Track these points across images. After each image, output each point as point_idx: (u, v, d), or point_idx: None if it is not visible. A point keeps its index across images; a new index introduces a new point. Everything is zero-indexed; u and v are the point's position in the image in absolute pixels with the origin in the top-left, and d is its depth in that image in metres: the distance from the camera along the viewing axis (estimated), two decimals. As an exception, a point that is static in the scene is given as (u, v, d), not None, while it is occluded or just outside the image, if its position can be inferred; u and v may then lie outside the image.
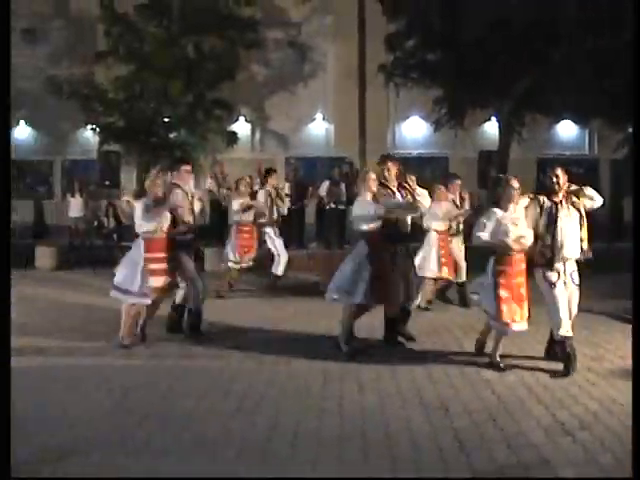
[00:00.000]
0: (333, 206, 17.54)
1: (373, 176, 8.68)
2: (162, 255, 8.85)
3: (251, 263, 12.58)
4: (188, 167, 9.43)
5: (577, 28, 15.64)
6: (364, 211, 8.55)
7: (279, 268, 12.84)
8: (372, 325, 9.22)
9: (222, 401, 6.74)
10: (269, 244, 12.83)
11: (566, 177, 7.81)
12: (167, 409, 6.51)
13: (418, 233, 9.53)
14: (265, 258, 12.90)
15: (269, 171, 13.29)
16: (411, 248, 9.11)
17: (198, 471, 5.16)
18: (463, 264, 11.47)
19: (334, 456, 5.39)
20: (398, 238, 8.76)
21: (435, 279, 11.26)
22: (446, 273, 11.20)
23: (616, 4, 14.56)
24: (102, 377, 7.60)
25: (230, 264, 12.48)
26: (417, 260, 10.40)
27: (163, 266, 8.86)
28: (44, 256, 17.55)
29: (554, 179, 7.78)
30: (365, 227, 8.53)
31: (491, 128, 20.19)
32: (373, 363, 8.06)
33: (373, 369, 7.81)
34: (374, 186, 8.60)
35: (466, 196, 11.85)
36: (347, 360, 8.17)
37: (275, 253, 12.85)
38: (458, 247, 11.50)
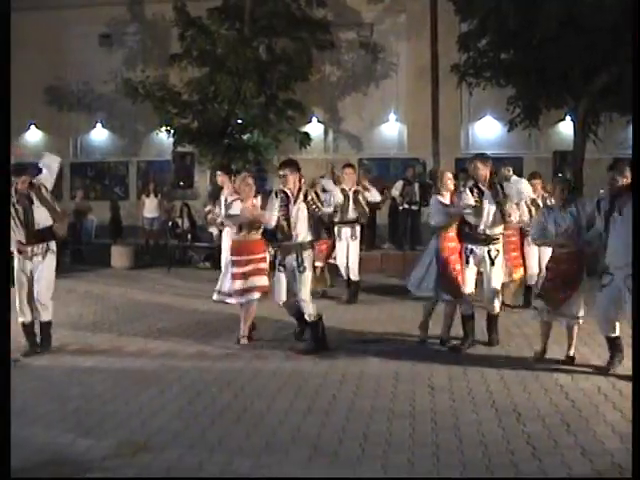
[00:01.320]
0: (406, 207, 17.48)
1: (449, 175, 9.19)
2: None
3: None
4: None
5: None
6: (435, 208, 9.01)
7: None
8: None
9: (293, 401, 6.78)
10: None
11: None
12: (239, 409, 6.57)
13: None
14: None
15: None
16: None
17: (269, 472, 5.20)
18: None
19: (405, 458, 5.37)
20: (470, 238, 8.82)
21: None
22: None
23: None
24: (175, 376, 7.72)
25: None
26: None
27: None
28: (120, 256, 17.89)
29: None
30: (434, 223, 9.01)
31: (566, 128, 19.86)
32: (445, 365, 8.02)
33: (445, 371, 7.77)
34: (451, 185, 9.06)
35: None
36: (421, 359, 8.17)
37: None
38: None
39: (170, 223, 19.57)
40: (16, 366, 7.90)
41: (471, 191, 8.88)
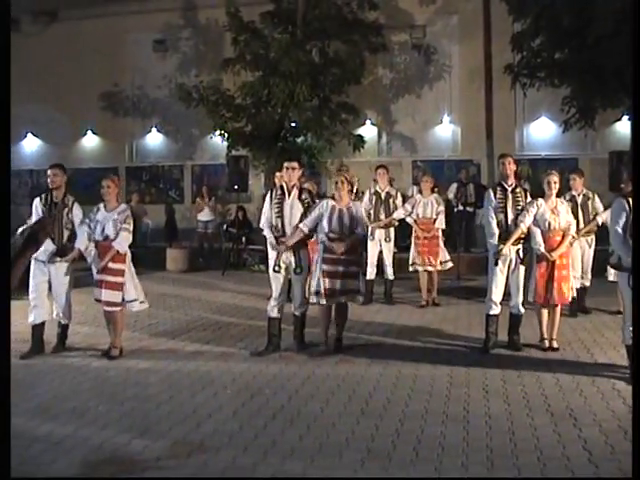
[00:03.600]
0: (461, 208, 17.38)
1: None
2: None
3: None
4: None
5: None
6: None
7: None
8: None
9: (347, 404, 6.79)
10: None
11: None
12: (293, 411, 6.60)
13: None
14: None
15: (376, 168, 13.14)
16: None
17: (322, 474, 5.21)
18: None
19: (458, 462, 5.34)
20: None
21: None
22: None
23: None
24: (230, 378, 7.78)
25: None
26: None
27: None
28: (174, 259, 18.08)
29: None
30: None
31: (623, 127, 19.56)
32: (500, 368, 7.96)
33: (500, 374, 7.71)
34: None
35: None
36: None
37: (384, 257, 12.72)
38: None
39: (225, 226, 19.72)
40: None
41: (494, 190, 8.91)
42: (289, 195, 8.86)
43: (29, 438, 5.96)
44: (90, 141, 24.07)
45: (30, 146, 24.43)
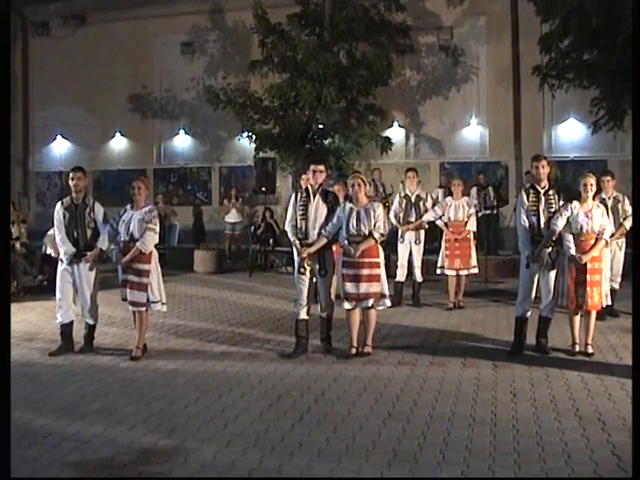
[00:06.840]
0: (487, 212, 17.32)
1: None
2: None
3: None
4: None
5: None
6: None
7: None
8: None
9: (374, 406, 6.78)
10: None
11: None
12: (320, 413, 6.61)
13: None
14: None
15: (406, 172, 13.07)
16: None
17: (349, 476, 5.21)
18: None
19: (485, 466, 5.32)
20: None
21: None
22: None
23: None
24: (257, 379, 7.80)
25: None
26: None
27: None
28: (202, 260, 18.16)
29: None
30: None
31: (653, 129, 19.35)
32: (527, 371, 7.93)
33: (527, 377, 7.68)
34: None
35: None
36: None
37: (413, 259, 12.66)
38: None
39: (252, 228, 19.77)
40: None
41: (527, 193, 8.87)
42: (314, 197, 8.88)
43: (58, 437, 6.00)
44: (118, 143, 24.19)
45: (59, 148, 24.60)
